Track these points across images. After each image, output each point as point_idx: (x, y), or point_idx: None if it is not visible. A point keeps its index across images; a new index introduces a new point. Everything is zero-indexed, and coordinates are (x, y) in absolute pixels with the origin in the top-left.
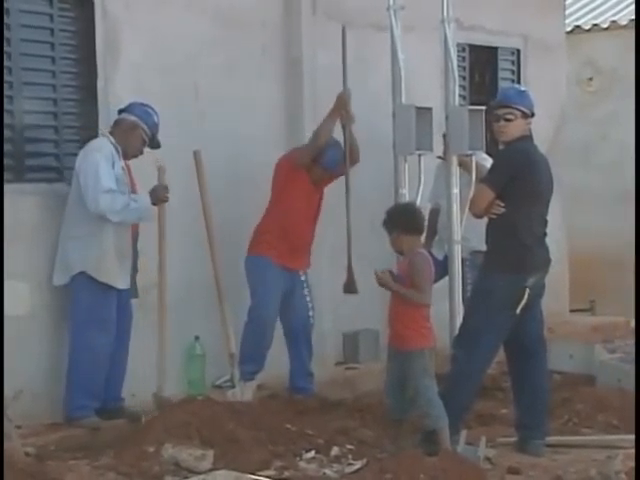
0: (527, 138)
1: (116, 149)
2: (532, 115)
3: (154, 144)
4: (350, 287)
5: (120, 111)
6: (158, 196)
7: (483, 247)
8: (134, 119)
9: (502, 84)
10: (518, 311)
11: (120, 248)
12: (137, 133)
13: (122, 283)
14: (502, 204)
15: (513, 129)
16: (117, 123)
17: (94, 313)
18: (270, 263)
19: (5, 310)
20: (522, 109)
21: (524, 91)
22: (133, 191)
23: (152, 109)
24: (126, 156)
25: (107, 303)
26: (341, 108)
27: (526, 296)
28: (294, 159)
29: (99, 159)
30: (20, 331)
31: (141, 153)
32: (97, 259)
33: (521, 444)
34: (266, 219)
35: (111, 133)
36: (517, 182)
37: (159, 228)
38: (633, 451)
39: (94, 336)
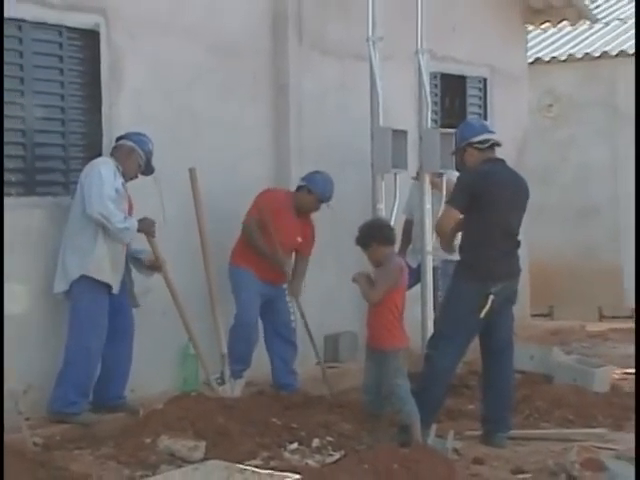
0: (490, 161)
1: (117, 168)
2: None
3: (148, 169)
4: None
5: (119, 138)
6: (144, 227)
7: (453, 257)
8: (131, 145)
9: (470, 109)
10: (482, 315)
11: (114, 258)
12: (134, 158)
13: (115, 288)
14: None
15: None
16: (116, 148)
17: (90, 317)
18: (251, 275)
19: (14, 311)
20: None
21: (470, 124)
22: (129, 211)
23: (147, 137)
24: (124, 178)
25: (102, 307)
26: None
27: (490, 302)
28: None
29: (104, 171)
30: (30, 331)
31: (136, 176)
32: (95, 263)
33: (486, 437)
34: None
35: (111, 156)
36: (477, 201)
37: (156, 257)
38: (587, 443)
39: (88, 338)
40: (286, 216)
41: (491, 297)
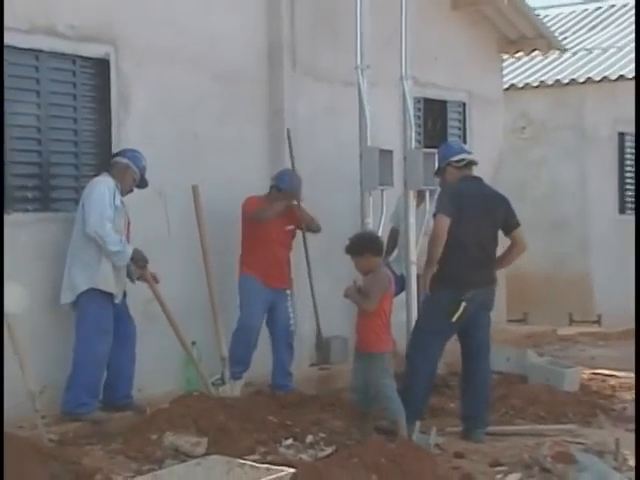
0: (467, 178)
1: (117, 186)
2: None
3: (142, 184)
4: None
5: (114, 155)
6: (137, 257)
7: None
8: (126, 162)
9: (450, 131)
10: (454, 320)
11: (117, 270)
12: (129, 174)
13: (118, 298)
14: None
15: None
16: (112, 165)
17: (97, 324)
18: (254, 281)
19: (32, 318)
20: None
21: (450, 146)
22: (127, 227)
23: (140, 154)
24: (121, 193)
25: (108, 315)
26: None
27: (462, 308)
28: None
29: (104, 190)
30: (46, 336)
31: (132, 191)
32: (101, 276)
33: (466, 433)
34: (245, 244)
35: (108, 173)
36: (454, 214)
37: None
38: (558, 438)
39: (96, 344)
40: None
41: (463, 303)
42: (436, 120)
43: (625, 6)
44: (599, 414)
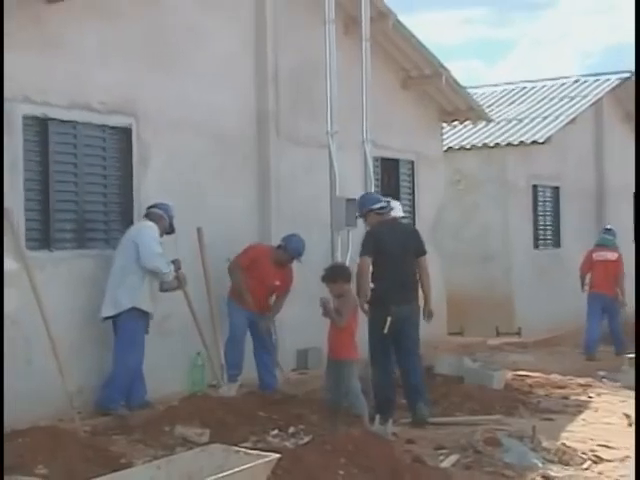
0: (385, 221)
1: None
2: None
3: (172, 229)
4: None
5: (150, 206)
6: (176, 265)
7: None
8: (161, 212)
9: (402, 184)
10: (386, 331)
11: (153, 292)
12: (163, 221)
13: (152, 316)
14: None
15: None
16: (149, 214)
17: (133, 338)
18: (239, 306)
19: (71, 333)
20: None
21: (369, 197)
22: None
23: (170, 206)
24: None
25: (143, 330)
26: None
27: (388, 322)
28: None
29: (154, 233)
30: (83, 347)
31: (162, 235)
32: (142, 297)
33: (412, 422)
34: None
35: (148, 219)
36: (376, 251)
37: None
38: (488, 426)
39: (132, 354)
40: (266, 264)
41: (389, 318)
42: (391, 175)
43: (534, 88)
44: (520, 407)
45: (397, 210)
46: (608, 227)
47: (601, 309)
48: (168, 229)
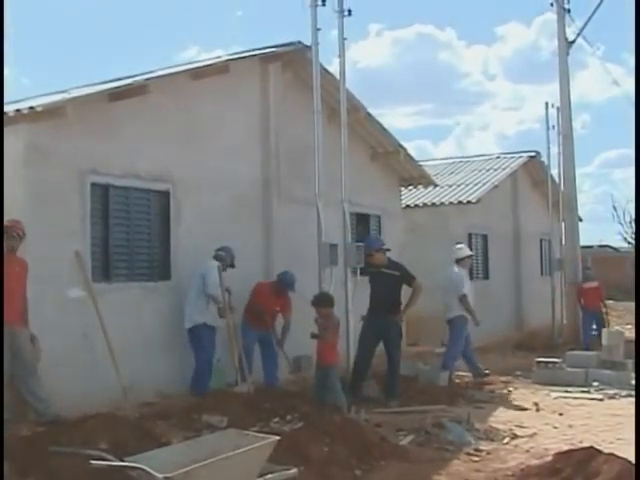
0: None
1: (219, 266)
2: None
3: (232, 265)
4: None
5: (217, 249)
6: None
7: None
8: (224, 254)
9: (371, 232)
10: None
11: (216, 313)
12: (225, 259)
13: (215, 330)
14: None
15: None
16: (216, 255)
17: (206, 345)
18: (249, 326)
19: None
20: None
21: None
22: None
23: (232, 249)
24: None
25: (212, 339)
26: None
27: (364, 326)
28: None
29: (216, 271)
30: (132, 351)
31: (225, 269)
32: (209, 315)
33: (385, 398)
34: (247, 306)
35: (215, 259)
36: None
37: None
38: (435, 414)
39: (205, 358)
40: (269, 296)
41: (363, 323)
42: (363, 226)
43: (467, 161)
44: (459, 398)
45: (465, 250)
46: (588, 266)
47: (593, 321)
48: (229, 264)
